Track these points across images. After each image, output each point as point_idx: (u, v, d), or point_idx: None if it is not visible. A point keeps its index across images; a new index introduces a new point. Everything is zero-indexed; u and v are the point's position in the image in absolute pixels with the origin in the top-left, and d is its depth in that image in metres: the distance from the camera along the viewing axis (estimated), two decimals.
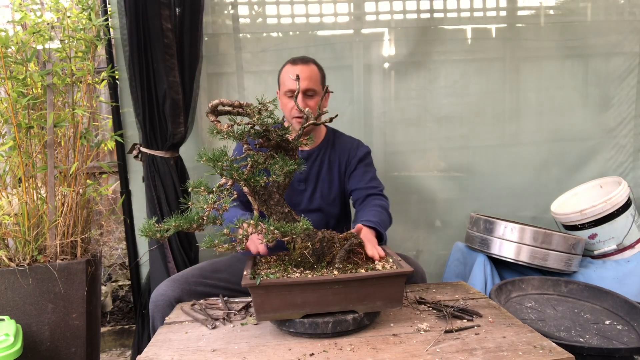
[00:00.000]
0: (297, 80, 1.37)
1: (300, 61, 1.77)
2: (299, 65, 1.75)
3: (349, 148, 1.88)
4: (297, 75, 1.39)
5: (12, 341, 1.54)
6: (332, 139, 1.90)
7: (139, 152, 2.14)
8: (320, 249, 1.30)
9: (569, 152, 2.50)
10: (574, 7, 2.46)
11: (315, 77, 1.76)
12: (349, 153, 1.87)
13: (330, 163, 1.85)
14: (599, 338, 1.50)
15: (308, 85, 1.72)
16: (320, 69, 1.81)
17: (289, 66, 1.77)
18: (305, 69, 1.74)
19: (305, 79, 1.71)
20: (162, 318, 1.49)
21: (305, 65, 1.75)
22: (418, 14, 2.39)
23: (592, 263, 2.19)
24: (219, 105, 1.24)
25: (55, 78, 1.95)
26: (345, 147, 1.88)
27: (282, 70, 1.81)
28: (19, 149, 1.87)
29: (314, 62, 1.80)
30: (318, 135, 1.88)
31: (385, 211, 1.74)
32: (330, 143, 1.88)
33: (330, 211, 1.87)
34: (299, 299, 1.20)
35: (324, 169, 1.84)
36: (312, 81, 1.74)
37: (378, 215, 1.66)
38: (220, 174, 1.17)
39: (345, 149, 1.88)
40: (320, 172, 1.85)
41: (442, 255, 2.50)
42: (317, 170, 1.85)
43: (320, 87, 1.78)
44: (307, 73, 1.73)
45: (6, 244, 1.90)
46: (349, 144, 1.90)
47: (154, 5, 1.99)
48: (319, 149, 1.86)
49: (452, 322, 1.29)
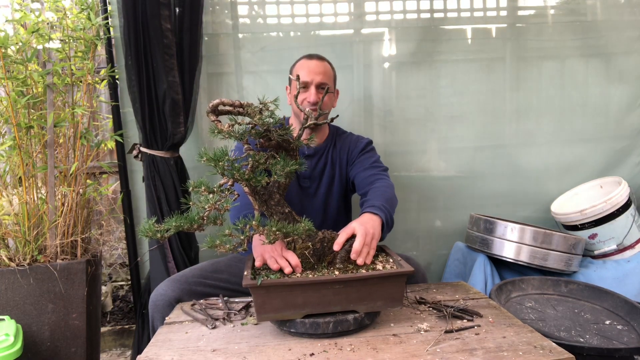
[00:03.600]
0: (298, 80, 1.38)
1: (316, 57, 1.82)
2: (314, 60, 1.80)
3: (349, 143, 1.91)
4: (297, 76, 1.40)
5: (12, 341, 1.54)
6: (335, 137, 1.94)
7: (139, 152, 2.14)
8: (320, 249, 1.30)
9: (569, 152, 2.50)
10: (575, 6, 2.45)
11: (329, 73, 1.81)
12: (349, 147, 1.90)
13: (333, 160, 1.88)
14: (599, 338, 1.50)
15: (322, 79, 1.76)
16: (333, 68, 1.87)
17: (304, 60, 1.82)
18: (320, 65, 1.79)
19: (320, 73, 1.76)
20: (162, 318, 1.49)
21: (320, 61, 1.81)
22: (418, 13, 2.39)
23: (592, 263, 2.19)
24: (220, 105, 1.24)
25: (55, 78, 1.95)
26: (346, 143, 1.92)
27: (295, 64, 1.85)
28: (19, 148, 1.87)
29: (328, 61, 1.85)
30: (322, 133, 1.91)
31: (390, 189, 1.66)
32: (333, 141, 1.92)
33: (331, 206, 1.89)
34: (299, 299, 1.20)
35: (328, 166, 1.87)
36: (326, 76, 1.78)
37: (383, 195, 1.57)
38: (221, 173, 1.17)
39: (346, 145, 1.91)
40: (324, 170, 1.87)
41: (442, 255, 2.50)
42: (321, 167, 1.87)
43: (333, 84, 1.84)
44: (322, 68, 1.78)
45: (6, 244, 1.89)
46: (349, 139, 1.94)
47: (154, 5, 1.99)
48: (323, 147, 1.89)
49: (452, 322, 1.29)
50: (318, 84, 1.75)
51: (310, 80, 1.74)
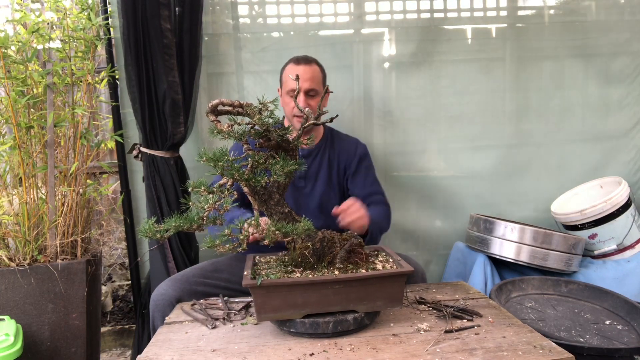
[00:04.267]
0: (297, 80, 1.38)
1: (303, 61, 1.79)
2: (302, 65, 1.77)
3: (347, 148, 1.91)
4: (296, 75, 1.39)
5: (12, 341, 1.54)
6: (331, 137, 1.93)
7: (139, 152, 2.14)
8: (320, 249, 1.30)
9: (569, 152, 2.49)
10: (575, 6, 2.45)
11: (318, 77, 1.79)
12: (347, 153, 1.90)
13: (330, 161, 1.88)
14: (599, 338, 1.50)
15: (310, 85, 1.75)
16: (322, 69, 1.84)
17: (291, 65, 1.79)
18: (308, 70, 1.76)
19: (307, 80, 1.73)
20: (162, 318, 1.49)
21: (308, 66, 1.77)
22: (418, 13, 2.39)
23: (592, 263, 2.19)
24: (219, 105, 1.24)
25: (55, 78, 1.95)
26: (344, 146, 1.91)
27: (284, 68, 1.84)
28: (19, 148, 1.87)
29: (316, 62, 1.82)
30: (317, 134, 1.91)
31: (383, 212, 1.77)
32: (329, 141, 1.91)
33: (328, 207, 1.87)
34: (299, 299, 1.20)
35: (324, 166, 1.87)
36: (314, 81, 1.76)
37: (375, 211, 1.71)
38: (220, 174, 1.17)
39: (344, 149, 1.90)
40: (319, 170, 1.87)
41: (442, 255, 2.50)
42: (316, 168, 1.87)
43: (322, 87, 1.81)
44: (310, 74, 1.75)
45: (6, 244, 1.90)
46: (347, 143, 1.93)
47: (153, 5, 1.99)
48: (317, 147, 1.89)
49: (452, 322, 1.29)
50: (307, 91, 1.75)
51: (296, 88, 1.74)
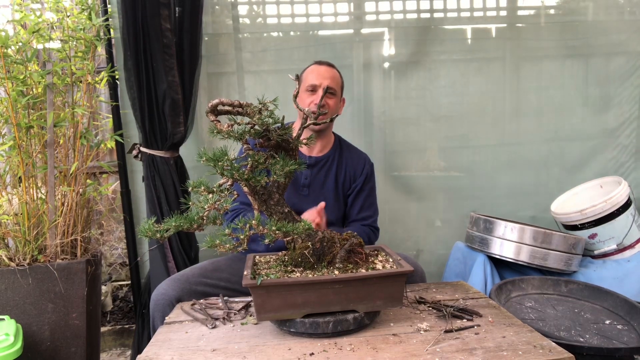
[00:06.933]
0: (297, 80, 1.38)
1: (326, 63, 1.89)
2: (324, 66, 1.87)
3: (356, 162, 1.93)
4: (296, 75, 1.39)
5: (12, 341, 1.54)
6: (340, 149, 1.94)
7: (139, 152, 2.14)
8: (320, 248, 1.30)
9: (569, 151, 2.50)
10: (575, 6, 2.46)
11: (337, 79, 1.87)
12: (355, 168, 1.92)
13: (337, 174, 1.89)
14: (599, 338, 1.50)
15: (330, 83, 1.81)
16: (341, 77, 1.92)
17: (315, 65, 1.88)
18: (329, 70, 1.86)
19: (328, 78, 1.82)
20: (162, 318, 1.49)
21: (330, 67, 1.88)
22: (418, 13, 2.40)
23: (592, 263, 2.19)
24: (219, 104, 1.24)
25: (55, 78, 1.95)
26: (353, 160, 1.93)
27: (306, 69, 1.90)
28: (19, 148, 1.87)
29: (337, 69, 1.91)
30: (327, 143, 1.91)
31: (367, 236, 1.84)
32: (338, 152, 1.92)
33: (331, 217, 1.88)
34: (299, 299, 1.20)
35: (330, 178, 1.87)
36: (333, 81, 1.84)
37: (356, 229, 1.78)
38: (220, 173, 1.17)
39: (353, 162, 1.92)
40: (325, 181, 1.88)
41: (442, 255, 2.50)
42: (322, 178, 1.87)
43: (340, 91, 1.89)
44: (330, 74, 1.84)
45: (6, 243, 1.90)
46: (356, 157, 1.95)
47: (153, 5, 1.99)
48: (326, 157, 1.89)
49: (452, 321, 1.29)
50: (327, 88, 1.78)
51: (318, 84, 1.79)
